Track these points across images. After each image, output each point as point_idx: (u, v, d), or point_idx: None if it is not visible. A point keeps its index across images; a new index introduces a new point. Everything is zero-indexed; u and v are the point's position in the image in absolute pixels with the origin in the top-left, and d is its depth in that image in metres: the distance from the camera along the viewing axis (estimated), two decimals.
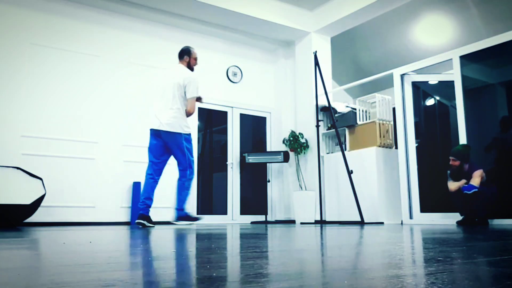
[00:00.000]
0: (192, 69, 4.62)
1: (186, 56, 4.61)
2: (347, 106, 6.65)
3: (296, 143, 6.83)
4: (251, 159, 6.77)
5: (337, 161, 6.26)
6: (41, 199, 4.86)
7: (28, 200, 4.76)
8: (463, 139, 4.99)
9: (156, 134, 4.40)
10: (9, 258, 1.36)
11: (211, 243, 1.97)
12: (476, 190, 4.48)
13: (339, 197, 6.28)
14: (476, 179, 4.56)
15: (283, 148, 7.08)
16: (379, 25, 7.32)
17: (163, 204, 5.26)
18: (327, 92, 6.09)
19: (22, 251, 1.64)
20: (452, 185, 4.76)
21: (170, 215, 4.70)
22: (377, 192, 5.79)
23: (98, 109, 5.93)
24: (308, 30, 7.13)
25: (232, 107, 7.19)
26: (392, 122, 6.22)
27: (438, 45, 6.92)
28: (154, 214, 4.65)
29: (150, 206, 4.36)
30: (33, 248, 1.88)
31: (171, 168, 4.65)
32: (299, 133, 6.92)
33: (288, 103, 7.49)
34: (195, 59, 4.67)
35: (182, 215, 4.36)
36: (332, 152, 6.73)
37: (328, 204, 6.45)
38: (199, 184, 6.71)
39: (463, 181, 4.65)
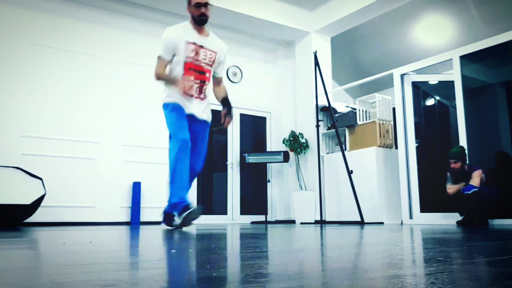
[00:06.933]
0: (195, 21, 3.53)
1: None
2: (347, 106, 6.65)
3: (296, 143, 6.83)
4: (251, 159, 6.77)
5: (337, 161, 6.26)
6: (41, 199, 4.86)
7: (28, 200, 4.76)
8: (463, 139, 4.99)
9: None
10: (9, 258, 1.36)
11: (211, 243, 1.97)
12: (476, 190, 4.48)
13: (339, 197, 6.28)
14: (475, 179, 4.56)
15: (283, 148, 7.08)
16: (379, 25, 7.31)
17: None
18: (327, 92, 6.09)
19: (22, 251, 1.64)
20: (451, 189, 4.76)
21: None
22: (377, 192, 5.79)
23: (98, 109, 5.93)
24: (308, 30, 7.13)
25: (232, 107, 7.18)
26: (392, 122, 6.22)
27: (438, 45, 6.92)
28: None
29: None
30: (33, 248, 1.88)
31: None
32: (299, 133, 6.92)
33: (288, 103, 7.49)
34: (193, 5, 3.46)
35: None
36: (332, 152, 6.73)
37: (328, 204, 6.45)
38: (199, 184, 6.71)
39: (462, 183, 4.66)
